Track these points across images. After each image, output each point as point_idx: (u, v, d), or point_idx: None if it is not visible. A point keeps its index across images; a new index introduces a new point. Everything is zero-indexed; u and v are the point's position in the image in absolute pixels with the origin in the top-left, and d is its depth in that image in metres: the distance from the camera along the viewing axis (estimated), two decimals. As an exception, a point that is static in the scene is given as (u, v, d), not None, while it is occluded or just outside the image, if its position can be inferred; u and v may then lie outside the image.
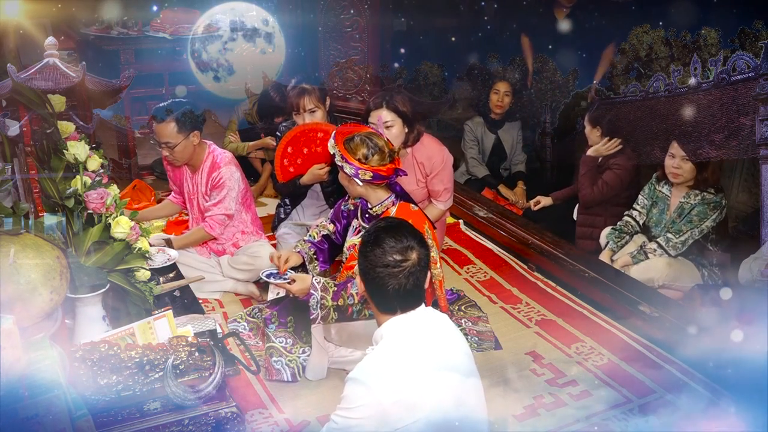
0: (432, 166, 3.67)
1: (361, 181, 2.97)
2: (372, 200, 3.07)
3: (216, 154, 3.75)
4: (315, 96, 3.79)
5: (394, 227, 2.16)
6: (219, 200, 3.70)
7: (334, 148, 2.98)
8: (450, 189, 3.76)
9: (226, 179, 3.68)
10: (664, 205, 3.80)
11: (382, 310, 2.13)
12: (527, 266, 4.12)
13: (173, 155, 3.65)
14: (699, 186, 3.68)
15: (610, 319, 3.54)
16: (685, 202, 3.70)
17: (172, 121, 3.57)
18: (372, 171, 2.94)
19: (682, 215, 3.69)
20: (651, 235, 3.88)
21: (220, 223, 3.73)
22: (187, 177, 3.82)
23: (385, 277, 2.07)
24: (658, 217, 3.82)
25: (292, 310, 3.20)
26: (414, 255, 2.10)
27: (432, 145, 3.70)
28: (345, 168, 2.96)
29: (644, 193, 3.94)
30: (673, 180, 3.72)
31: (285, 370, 3.07)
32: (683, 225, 3.67)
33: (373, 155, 2.96)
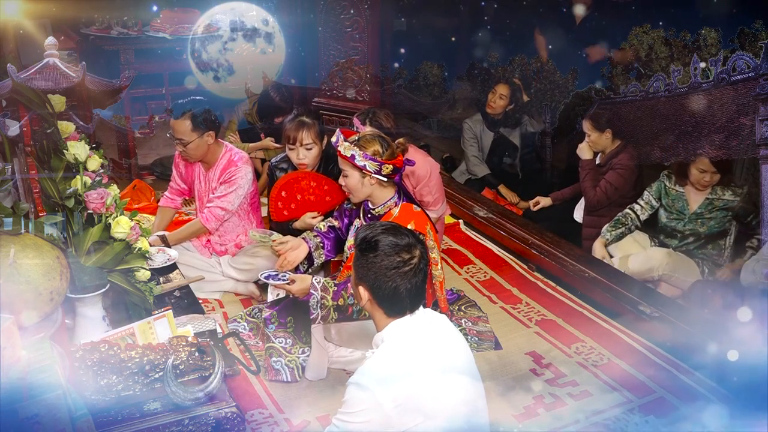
0: (418, 178, 3.72)
1: (385, 177, 2.98)
2: (377, 200, 3.08)
3: (233, 152, 3.75)
4: (314, 131, 3.65)
5: (388, 229, 2.14)
6: (223, 195, 3.68)
7: (351, 149, 2.97)
8: (440, 198, 3.81)
9: (239, 178, 3.67)
10: (682, 202, 3.80)
11: (391, 314, 2.10)
12: (527, 266, 4.12)
13: (186, 152, 3.65)
14: (715, 185, 3.72)
15: (610, 319, 3.54)
16: (716, 198, 3.72)
17: (188, 119, 3.55)
18: (392, 164, 2.97)
19: (713, 211, 3.72)
20: (661, 232, 3.86)
21: (217, 217, 3.71)
22: (200, 174, 3.81)
23: (397, 279, 2.06)
24: (678, 214, 3.82)
25: (292, 311, 3.21)
26: (417, 251, 2.11)
27: (417, 156, 3.67)
28: (368, 166, 2.95)
29: (651, 189, 3.94)
30: (700, 189, 3.75)
31: (284, 371, 3.07)
32: (714, 219, 3.72)
33: (386, 150, 2.99)
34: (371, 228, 2.17)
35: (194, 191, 3.87)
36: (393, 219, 2.96)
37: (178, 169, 3.92)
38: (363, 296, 2.13)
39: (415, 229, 2.89)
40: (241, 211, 3.80)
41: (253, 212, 3.87)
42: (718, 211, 3.72)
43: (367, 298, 2.12)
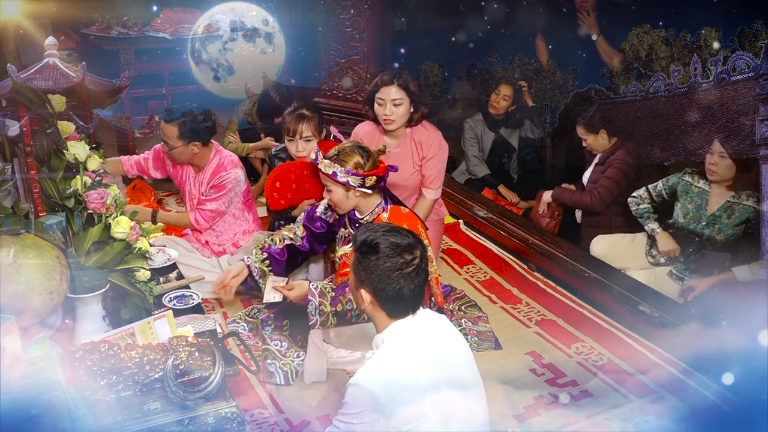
0: (429, 148, 3.65)
1: (370, 189, 2.89)
2: (364, 210, 2.99)
3: (223, 155, 3.77)
4: (313, 124, 3.66)
5: (388, 230, 2.12)
6: (214, 198, 3.73)
7: (332, 167, 2.86)
8: (441, 178, 3.73)
9: (229, 182, 3.71)
10: (702, 201, 3.66)
11: (393, 315, 2.09)
12: (527, 266, 4.12)
13: (170, 155, 3.71)
14: (739, 188, 3.55)
15: (610, 319, 3.54)
16: (736, 203, 3.56)
17: (176, 126, 3.59)
18: (375, 175, 2.89)
19: (731, 216, 3.56)
20: (684, 233, 3.78)
21: (207, 219, 3.78)
22: (189, 175, 3.83)
23: (401, 280, 2.04)
24: (696, 213, 3.67)
25: (289, 314, 3.20)
26: (418, 251, 2.10)
27: (432, 129, 3.72)
28: (351, 181, 2.85)
29: (667, 182, 3.82)
30: (710, 177, 3.60)
31: (278, 374, 3.06)
32: (730, 227, 3.57)
33: (367, 160, 2.90)
34: (370, 230, 2.14)
35: (184, 192, 3.89)
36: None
37: (159, 161, 3.92)
38: (365, 299, 2.11)
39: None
40: (236, 210, 3.84)
41: (247, 210, 3.91)
42: (736, 218, 3.54)
43: (369, 300, 2.10)
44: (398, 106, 3.52)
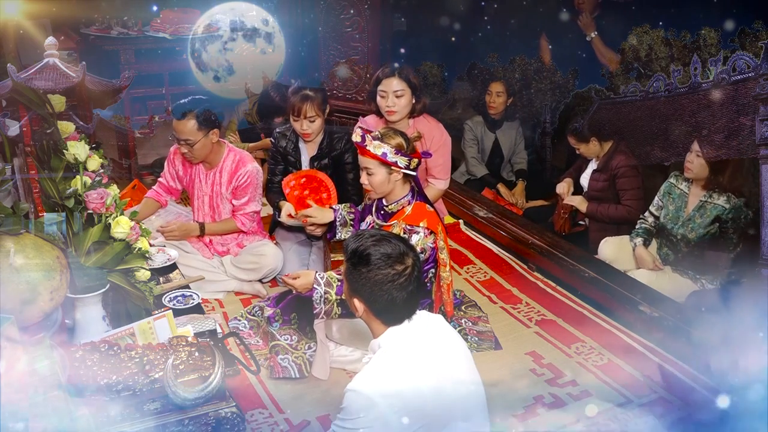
0: (432, 140, 3.68)
1: (414, 171, 2.97)
2: (393, 197, 3.05)
3: (236, 152, 3.80)
4: (317, 104, 3.72)
5: (378, 240, 2.09)
6: (249, 199, 3.78)
7: (381, 147, 2.90)
8: (447, 168, 3.78)
9: (253, 177, 3.75)
10: (682, 203, 3.72)
11: (388, 323, 2.09)
12: (527, 266, 4.12)
13: (192, 152, 3.64)
14: (711, 187, 3.59)
15: (610, 319, 3.54)
16: (708, 202, 3.61)
17: (193, 119, 3.55)
18: (417, 157, 2.98)
19: (703, 215, 3.61)
20: (664, 233, 3.83)
21: (251, 219, 3.83)
22: (199, 174, 3.81)
23: (393, 291, 2.03)
24: (675, 214, 3.73)
25: (296, 307, 3.20)
26: (410, 259, 2.08)
27: (434, 121, 3.78)
28: (399, 162, 2.92)
29: (660, 193, 3.87)
30: (686, 174, 3.68)
31: (292, 367, 3.07)
32: (702, 226, 3.61)
33: (408, 142, 2.98)
34: (360, 239, 2.11)
35: (193, 191, 3.86)
36: (405, 216, 2.95)
37: (172, 167, 3.91)
38: (358, 308, 2.11)
39: (427, 228, 2.90)
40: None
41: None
42: (707, 217, 3.59)
43: (362, 309, 2.11)
44: (400, 97, 3.59)
